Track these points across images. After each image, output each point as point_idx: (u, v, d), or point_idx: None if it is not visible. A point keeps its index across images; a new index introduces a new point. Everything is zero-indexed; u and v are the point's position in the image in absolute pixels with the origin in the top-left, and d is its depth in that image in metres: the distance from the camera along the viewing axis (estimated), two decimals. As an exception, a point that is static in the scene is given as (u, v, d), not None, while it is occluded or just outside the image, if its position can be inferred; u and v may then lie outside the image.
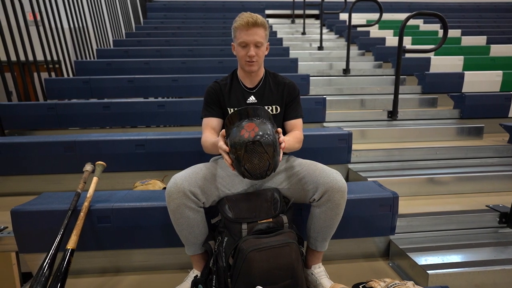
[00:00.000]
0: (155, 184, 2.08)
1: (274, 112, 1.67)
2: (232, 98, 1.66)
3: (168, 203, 1.41)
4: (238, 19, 1.53)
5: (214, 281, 1.44)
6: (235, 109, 1.63)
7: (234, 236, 1.39)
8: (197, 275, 1.53)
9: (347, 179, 2.44)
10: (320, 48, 5.44)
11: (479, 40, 5.42)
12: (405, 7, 7.73)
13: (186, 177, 1.42)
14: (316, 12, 7.67)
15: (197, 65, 4.05)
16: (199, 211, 1.45)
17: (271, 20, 7.12)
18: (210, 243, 1.50)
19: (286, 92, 1.67)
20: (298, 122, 1.70)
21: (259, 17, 1.53)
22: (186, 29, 5.87)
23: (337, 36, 6.34)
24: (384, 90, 3.90)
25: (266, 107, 1.64)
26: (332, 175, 1.43)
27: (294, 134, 1.63)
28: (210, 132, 1.62)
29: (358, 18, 6.45)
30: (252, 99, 1.66)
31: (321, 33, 5.46)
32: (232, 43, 1.62)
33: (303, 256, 1.49)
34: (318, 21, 7.32)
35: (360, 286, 1.45)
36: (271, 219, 1.41)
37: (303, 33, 6.37)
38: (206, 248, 1.50)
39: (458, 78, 3.78)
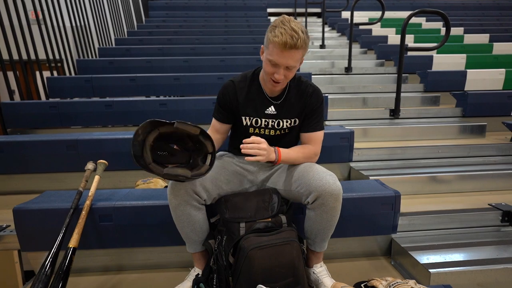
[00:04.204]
0: (156, 183, 2.09)
1: (292, 124, 1.56)
2: (249, 105, 1.52)
3: (170, 201, 1.40)
4: (278, 32, 1.30)
5: (215, 280, 1.44)
6: (251, 118, 1.53)
7: (232, 234, 1.39)
8: (198, 274, 1.53)
9: (349, 178, 2.43)
10: (322, 46, 5.42)
11: (482, 38, 5.39)
12: (408, 5, 7.69)
13: None
14: (318, 10, 7.66)
15: (199, 64, 4.04)
16: (200, 208, 1.44)
17: (272, 18, 7.10)
18: (210, 242, 1.50)
19: (308, 104, 1.52)
20: (314, 136, 1.55)
21: (301, 37, 1.30)
22: (188, 28, 5.87)
23: (339, 34, 6.32)
24: (386, 89, 3.88)
25: (284, 120, 1.54)
26: (325, 178, 1.37)
27: (303, 149, 1.54)
28: (214, 134, 1.59)
29: (360, 16, 6.42)
30: (271, 110, 1.52)
31: (323, 32, 5.44)
32: (262, 45, 1.44)
33: (304, 254, 1.48)
34: (320, 19, 7.31)
35: (362, 285, 1.45)
36: (269, 219, 1.40)
37: (305, 31, 6.35)
38: (207, 247, 1.50)
39: (460, 76, 3.77)
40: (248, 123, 1.54)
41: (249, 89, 1.52)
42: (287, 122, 1.54)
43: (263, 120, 1.53)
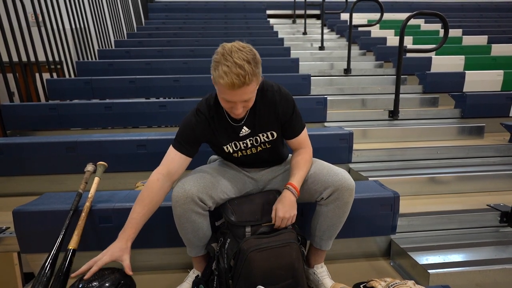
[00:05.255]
0: (156, 184, 2.08)
1: (270, 138, 1.49)
2: (224, 135, 1.46)
3: (174, 208, 1.38)
4: (221, 71, 1.17)
5: (215, 282, 1.44)
6: (231, 145, 1.48)
7: (237, 238, 1.38)
8: (198, 275, 1.53)
9: (348, 179, 2.44)
10: (321, 48, 5.44)
11: (480, 40, 5.41)
12: (406, 7, 7.72)
13: (194, 183, 1.37)
14: (317, 12, 7.65)
15: (198, 65, 4.05)
16: (205, 215, 1.43)
17: (272, 20, 7.11)
18: (213, 245, 1.49)
19: (281, 113, 1.43)
20: (301, 137, 1.52)
21: (248, 71, 1.17)
22: (188, 30, 5.87)
23: (338, 36, 6.34)
24: (385, 90, 3.89)
25: (261, 135, 1.48)
26: (340, 173, 1.41)
27: (302, 158, 1.49)
28: (167, 171, 1.41)
29: (359, 18, 6.45)
30: (245, 131, 1.46)
31: (322, 33, 5.46)
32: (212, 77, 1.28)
33: (303, 256, 1.49)
34: (319, 21, 7.32)
35: (361, 286, 1.45)
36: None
37: (304, 33, 6.38)
38: (209, 251, 1.49)
39: (459, 78, 3.78)
40: (231, 150, 1.50)
41: (218, 119, 1.44)
42: (263, 136, 1.47)
43: (241, 142, 1.48)
